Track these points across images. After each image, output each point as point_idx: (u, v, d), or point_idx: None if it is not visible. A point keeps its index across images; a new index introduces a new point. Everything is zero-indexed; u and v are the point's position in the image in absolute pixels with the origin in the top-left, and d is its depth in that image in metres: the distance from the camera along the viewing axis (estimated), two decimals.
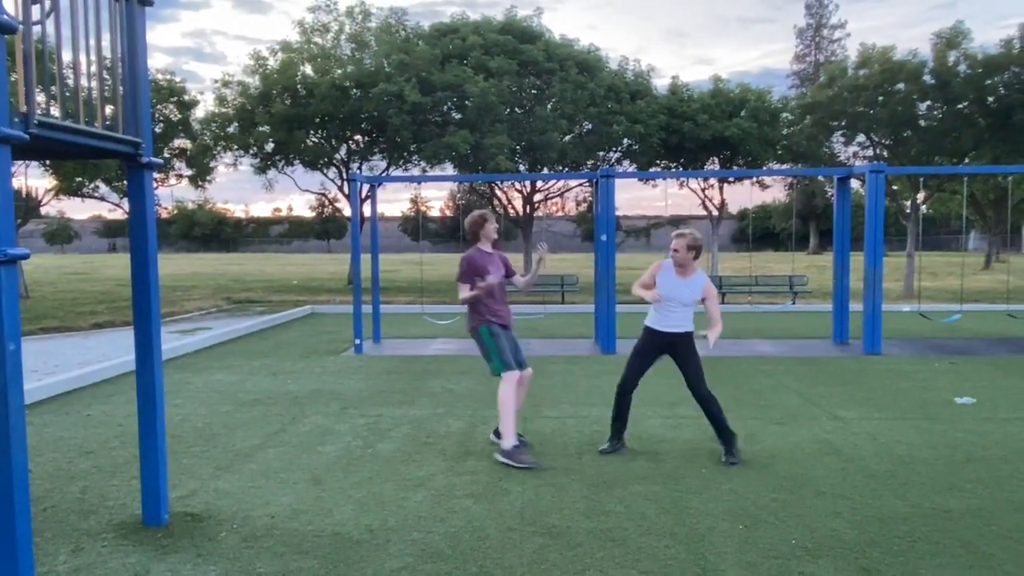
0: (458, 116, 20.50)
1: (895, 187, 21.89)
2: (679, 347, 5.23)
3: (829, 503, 4.30)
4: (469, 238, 5.42)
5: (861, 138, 20.91)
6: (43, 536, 3.82)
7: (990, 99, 18.17)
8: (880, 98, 18.83)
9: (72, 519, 4.08)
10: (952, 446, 5.48)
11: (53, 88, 3.36)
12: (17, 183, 18.72)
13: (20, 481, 2.85)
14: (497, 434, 5.36)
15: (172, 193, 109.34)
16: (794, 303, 17.84)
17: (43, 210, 21.87)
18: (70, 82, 3.57)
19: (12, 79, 3.03)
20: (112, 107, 3.63)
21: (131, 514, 4.13)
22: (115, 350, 10.22)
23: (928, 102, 19.10)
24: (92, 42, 3.33)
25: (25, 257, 2.88)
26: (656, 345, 5.29)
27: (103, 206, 57.47)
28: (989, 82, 17.94)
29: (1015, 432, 5.87)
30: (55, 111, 3.39)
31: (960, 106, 18.55)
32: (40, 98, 3.06)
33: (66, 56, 3.29)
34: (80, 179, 19.18)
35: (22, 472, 2.87)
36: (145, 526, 3.95)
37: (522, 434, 5.50)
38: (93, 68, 3.39)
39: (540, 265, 5.37)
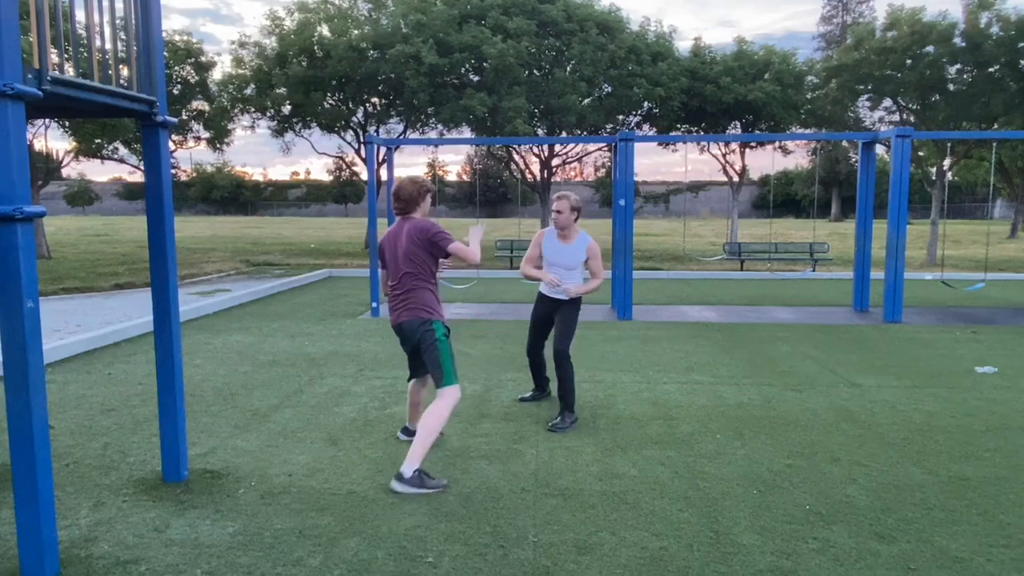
0: (476, 78, 20.25)
1: (921, 153, 21.43)
2: (563, 310, 5.21)
3: (844, 470, 4.28)
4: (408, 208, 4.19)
5: (887, 103, 20.42)
6: (65, 491, 3.90)
7: (1022, 63, 17.63)
8: (908, 61, 18.34)
9: (94, 475, 4.16)
10: (971, 415, 5.43)
11: (68, 47, 3.33)
12: (38, 144, 18.84)
13: (40, 436, 2.90)
14: (407, 432, 4.76)
15: (191, 156, 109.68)
16: (814, 270, 17.66)
17: (64, 172, 22.00)
18: (84, 40, 3.54)
19: (27, 37, 3.01)
20: (126, 65, 3.60)
21: (151, 470, 4.20)
22: (136, 310, 10.34)
23: (958, 65, 18.57)
24: None
25: (41, 215, 2.88)
26: (546, 310, 5.34)
27: (123, 168, 57.81)
28: (1022, 45, 17.39)
29: None
30: (70, 70, 3.37)
31: (991, 70, 18.02)
32: (54, 57, 3.03)
33: (80, 14, 3.26)
34: (99, 141, 19.23)
35: (42, 428, 2.91)
36: (165, 482, 4.02)
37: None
38: (107, 25, 3.36)
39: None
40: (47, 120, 17.43)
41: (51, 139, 69.14)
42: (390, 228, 4.30)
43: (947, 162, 20.58)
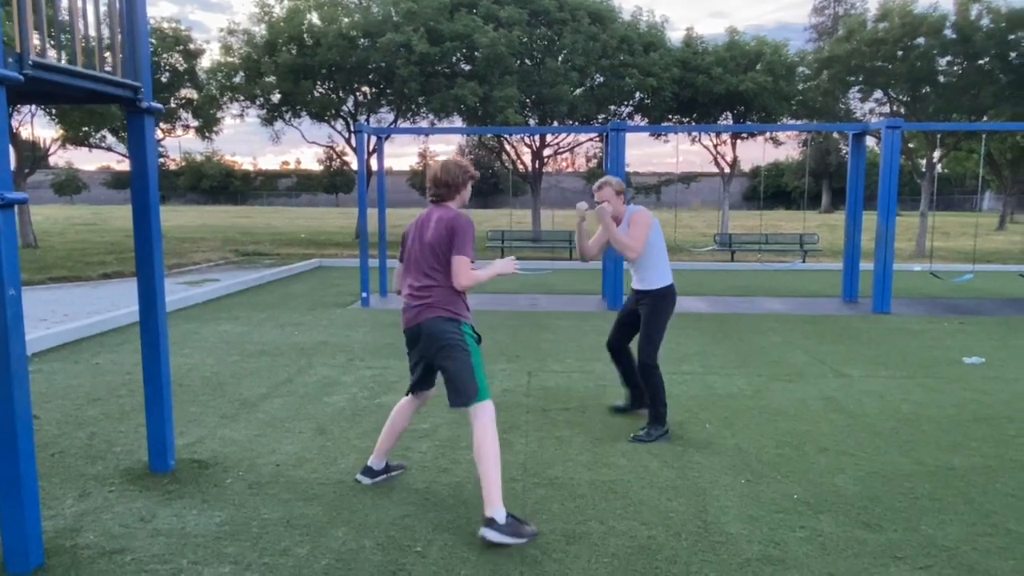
0: (467, 67, 20.14)
1: (911, 145, 21.50)
2: (643, 309, 4.74)
3: (833, 459, 4.30)
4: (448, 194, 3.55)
5: (878, 94, 20.47)
6: (50, 481, 3.87)
7: (1012, 55, 17.69)
8: (899, 53, 18.37)
9: (79, 464, 4.13)
10: (959, 405, 5.46)
11: (51, 31, 3.28)
12: (24, 132, 18.63)
13: (24, 426, 2.86)
14: (369, 474, 3.90)
15: (180, 144, 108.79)
16: (804, 261, 17.72)
17: (51, 160, 21.80)
18: (68, 25, 3.48)
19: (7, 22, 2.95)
20: (111, 51, 3.54)
21: (138, 460, 4.17)
22: (123, 300, 10.26)
23: (948, 57, 18.62)
24: None
25: (23, 201, 2.84)
26: (630, 306, 4.91)
27: (111, 157, 57.38)
28: (1012, 37, 17.44)
29: (1022, 391, 5.83)
30: (53, 54, 3.31)
31: (981, 62, 18.08)
32: (37, 41, 2.98)
33: None
34: (86, 128, 19.04)
35: (25, 417, 2.88)
36: (152, 472, 3.99)
37: (401, 464, 4.09)
38: (91, 9, 3.31)
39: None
40: (33, 107, 17.24)
41: (38, 127, 68.47)
42: (419, 215, 3.62)
43: (937, 154, 20.66)
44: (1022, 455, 4.38)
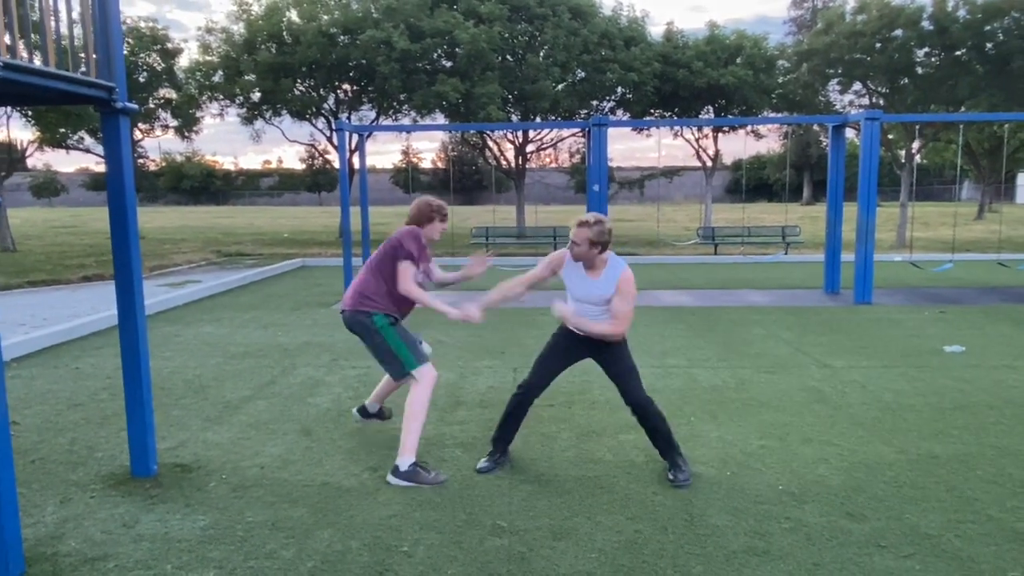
0: (448, 64, 20.08)
1: (890, 136, 21.69)
2: (609, 352, 4.05)
3: (816, 449, 4.33)
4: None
5: (857, 86, 20.62)
6: (31, 488, 3.82)
7: (988, 45, 17.88)
8: (877, 45, 18.51)
9: (60, 470, 4.07)
10: (939, 393, 5.51)
11: (29, 33, 3.22)
12: (1, 134, 18.35)
13: (1, 432, 2.82)
14: (363, 413, 4.75)
15: (160, 145, 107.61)
16: (786, 253, 17.83)
17: (29, 163, 21.50)
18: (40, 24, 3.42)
19: None
20: (84, 51, 3.49)
21: (120, 465, 4.12)
22: (104, 303, 10.14)
23: (926, 49, 18.80)
24: None
25: None
26: (571, 346, 4.11)
27: (89, 158, 56.69)
28: (988, 28, 17.63)
29: (1002, 379, 5.91)
30: (26, 56, 3.26)
31: (958, 53, 18.26)
32: (8, 41, 2.93)
33: None
34: (63, 130, 18.79)
35: (3, 423, 2.83)
36: (134, 477, 3.95)
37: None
38: (63, 8, 3.25)
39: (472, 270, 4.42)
40: (7, 108, 16.99)
41: (14, 129, 67.52)
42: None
43: (915, 145, 20.85)
44: (1002, 442, 4.44)
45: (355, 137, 12.46)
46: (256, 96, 21.19)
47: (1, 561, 2.88)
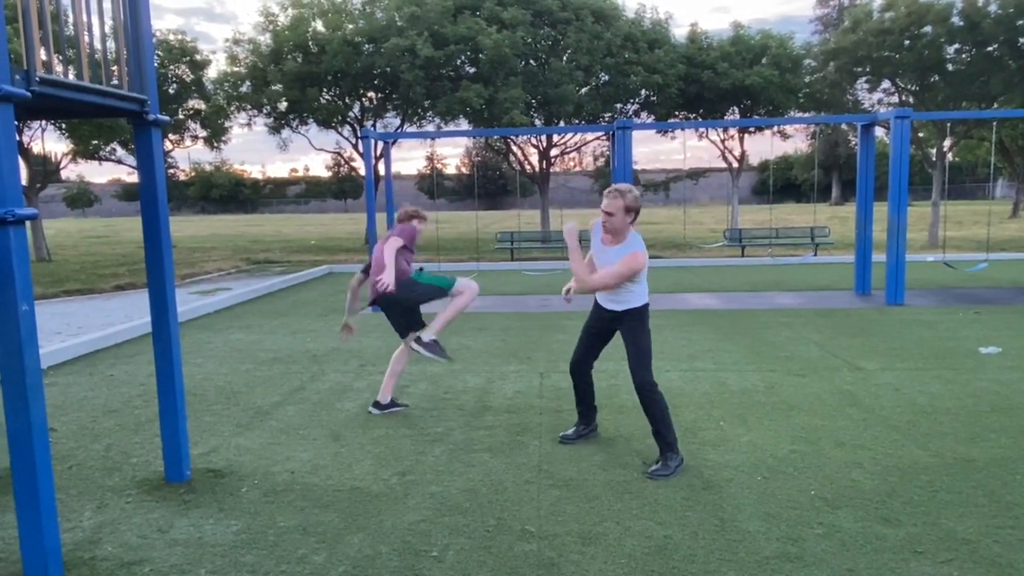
0: (471, 70, 20.17)
1: (921, 134, 21.33)
2: (625, 327, 4.24)
3: (849, 454, 4.27)
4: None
5: (886, 84, 20.33)
6: (68, 493, 3.90)
7: (1021, 40, 17.52)
8: (906, 42, 18.23)
9: (96, 476, 4.15)
10: (976, 396, 5.40)
11: (57, 47, 3.30)
12: (35, 147, 18.80)
13: (40, 439, 2.88)
14: (378, 406, 5.31)
15: (189, 155, 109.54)
16: (815, 255, 17.61)
17: (63, 174, 21.99)
18: (74, 40, 3.50)
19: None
20: (116, 64, 3.56)
21: (154, 471, 4.19)
22: (137, 311, 10.32)
23: (956, 45, 18.46)
24: None
25: (34, 217, 2.86)
26: (600, 323, 4.36)
27: (122, 169, 57.77)
28: (1021, 22, 17.27)
29: None
30: (61, 70, 3.34)
31: (989, 48, 17.91)
32: (44, 57, 3.00)
33: (69, 14, 3.22)
34: (96, 142, 19.19)
35: (42, 430, 2.90)
36: (168, 482, 4.01)
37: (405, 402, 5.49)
38: (96, 24, 3.33)
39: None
40: (43, 122, 17.39)
41: (48, 141, 69.13)
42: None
43: (947, 143, 20.50)
44: None
45: (380, 144, 12.57)
46: (283, 105, 21.47)
47: (41, 566, 2.94)
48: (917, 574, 2.93)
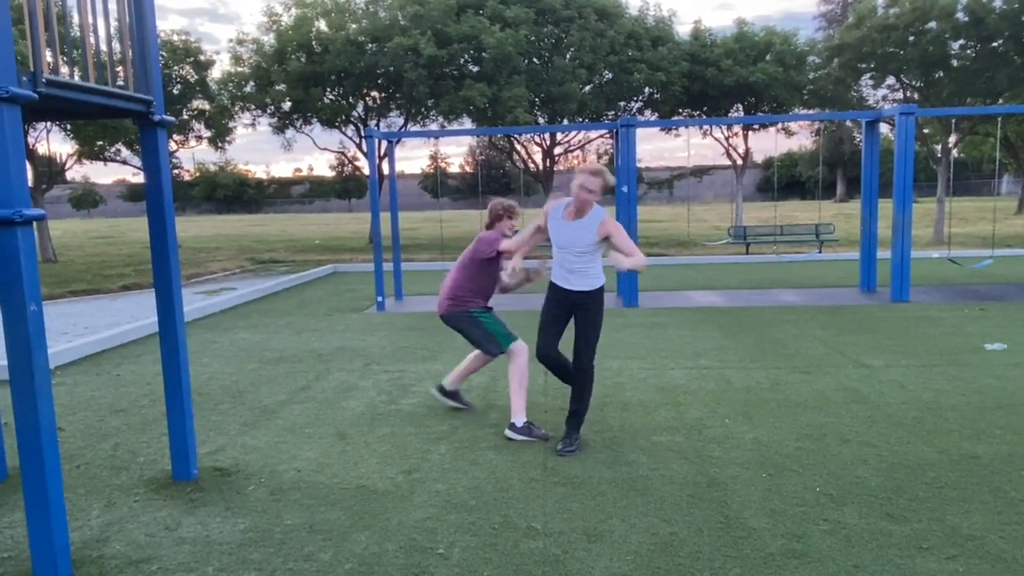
0: (475, 69, 20.17)
1: (926, 130, 21.26)
2: (582, 310, 4.39)
3: (855, 450, 4.27)
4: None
5: (891, 80, 20.27)
6: (76, 492, 3.92)
7: None
8: (911, 38, 18.17)
9: (104, 475, 4.18)
10: (981, 392, 5.40)
11: (63, 48, 3.32)
12: (41, 148, 18.86)
13: (48, 438, 2.90)
14: (441, 391, 5.31)
15: (194, 156, 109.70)
16: (820, 252, 17.58)
17: (68, 175, 22.05)
18: (79, 41, 3.52)
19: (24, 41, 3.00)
20: (122, 65, 3.58)
21: (161, 469, 4.21)
22: (143, 311, 10.36)
23: (961, 41, 18.39)
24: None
25: (41, 218, 2.88)
26: (561, 308, 4.47)
27: (127, 170, 57.99)
28: None
29: None
30: (67, 71, 3.35)
31: (995, 44, 17.84)
32: (50, 58, 3.02)
33: (74, 15, 3.24)
34: (101, 143, 19.24)
35: (50, 430, 2.92)
36: (175, 481, 4.03)
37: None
38: (101, 25, 3.34)
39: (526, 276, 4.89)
40: (48, 123, 17.46)
41: (54, 142, 69.31)
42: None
43: (952, 139, 20.42)
44: None
45: (384, 143, 12.58)
46: (287, 105, 21.48)
47: (50, 564, 2.96)
48: (922, 570, 2.94)
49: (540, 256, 4.89)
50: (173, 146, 22.10)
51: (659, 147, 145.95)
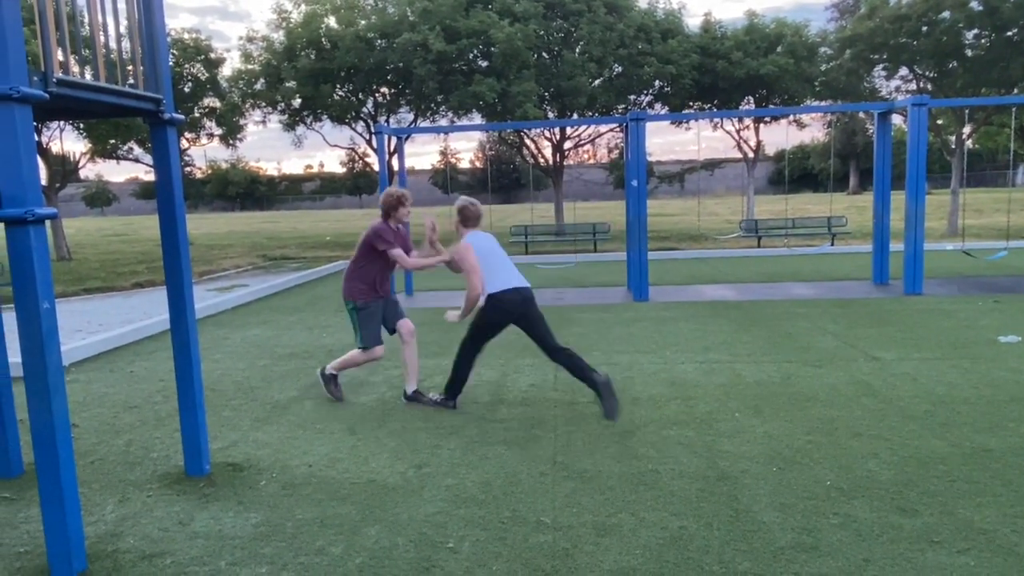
0: (484, 64, 20.15)
1: (940, 121, 21.06)
2: (534, 303, 5.23)
3: (865, 444, 4.25)
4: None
5: (904, 71, 20.08)
6: (91, 487, 3.97)
7: None
8: (924, 28, 17.99)
9: (118, 471, 4.22)
10: (995, 385, 5.36)
11: (73, 48, 3.34)
12: (54, 147, 19.02)
13: (63, 435, 2.94)
14: (322, 373, 5.67)
15: (205, 153, 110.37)
16: (832, 244, 17.47)
17: (81, 174, 22.22)
18: (89, 40, 3.55)
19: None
20: (132, 63, 3.61)
21: (174, 465, 4.25)
22: (156, 308, 10.44)
23: (975, 30, 18.20)
24: None
25: (53, 216, 2.91)
26: (525, 303, 5.17)
27: (139, 168, 58.32)
28: None
29: None
30: (78, 71, 3.38)
31: (1009, 33, 17.64)
32: (61, 58, 3.05)
33: (84, 14, 3.26)
34: (113, 141, 19.39)
35: (64, 425, 2.95)
36: (188, 476, 4.07)
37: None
38: (111, 24, 3.37)
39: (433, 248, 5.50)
40: (62, 122, 17.60)
41: (67, 141, 69.85)
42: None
43: (966, 130, 20.23)
44: None
45: (394, 139, 12.60)
46: (297, 102, 21.57)
47: (65, 558, 3.00)
48: (933, 564, 2.92)
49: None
50: (184, 144, 22.23)
51: (670, 140, 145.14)
